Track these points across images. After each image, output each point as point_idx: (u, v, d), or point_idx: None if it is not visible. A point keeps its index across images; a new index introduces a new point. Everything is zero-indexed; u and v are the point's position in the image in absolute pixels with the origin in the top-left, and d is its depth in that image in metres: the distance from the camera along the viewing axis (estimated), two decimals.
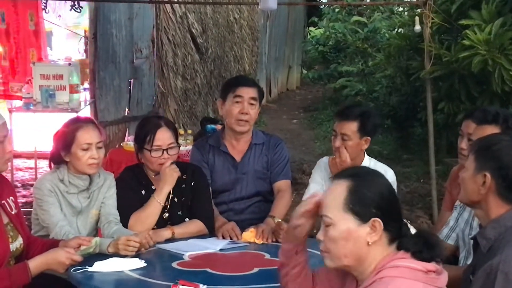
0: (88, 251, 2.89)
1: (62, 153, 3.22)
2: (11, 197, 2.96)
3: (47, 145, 3.33)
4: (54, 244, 2.95)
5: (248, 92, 3.69)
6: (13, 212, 2.93)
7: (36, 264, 2.77)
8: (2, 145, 2.83)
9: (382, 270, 1.92)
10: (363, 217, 1.94)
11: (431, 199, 6.23)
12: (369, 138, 3.58)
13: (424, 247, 1.95)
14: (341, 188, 1.98)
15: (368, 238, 1.94)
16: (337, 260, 1.99)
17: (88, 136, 3.20)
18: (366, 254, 1.95)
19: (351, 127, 3.53)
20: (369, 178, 2.02)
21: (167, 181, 3.34)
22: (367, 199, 1.95)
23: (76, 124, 3.25)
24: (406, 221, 2.03)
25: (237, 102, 3.67)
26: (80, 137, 3.19)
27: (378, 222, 1.94)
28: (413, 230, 2.03)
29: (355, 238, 1.94)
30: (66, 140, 3.21)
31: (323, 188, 3.70)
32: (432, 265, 1.93)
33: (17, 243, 2.90)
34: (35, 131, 6.68)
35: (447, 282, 1.98)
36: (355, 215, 1.94)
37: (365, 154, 3.66)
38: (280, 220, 3.36)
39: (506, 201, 2.24)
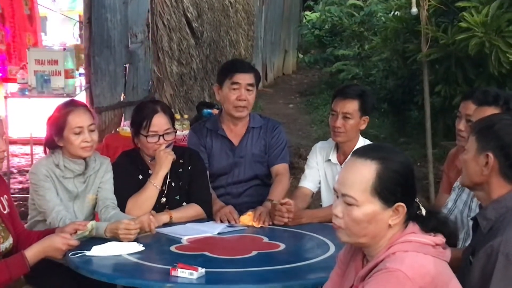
0: (84, 234, 2.88)
1: (55, 138, 3.20)
2: (4, 196, 2.94)
3: (43, 131, 3.31)
4: (50, 233, 2.93)
5: (245, 79, 3.67)
6: (5, 212, 2.91)
7: (33, 253, 2.76)
8: None
9: (393, 245, 1.94)
10: (388, 202, 1.95)
11: (428, 182, 6.24)
12: (367, 117, 3.59)
13: (429, 219, 1.99)
14: (368, 170, 1.95)
15: (390, 220, 1.96)
16: (354, 238, 1.99)
17: (79, 119, 3.18)
18: (384, 234, 1.97)
19: (353, 106, 3.52)
20: (396, 161, 1.99)
21: (162, 164, 3.33)
22: (395, 184, 1.95)
23: (67, 108, 3.23)
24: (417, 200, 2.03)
25: (234, 89, 3.65)
26: (71, 121, 3.17)
27: (402, 206, 1.96)
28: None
29: (378, 220, 1.95)
30: (58, 125, 3.19)
31: (319, 172, 3.70)
32: (439, 239, 1.96)
33: (7, 244, 2.87)
34: (30, 117, 6.65)
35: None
36: (381, 200, 1.94)
37: (359, 135, 3.66)
38: (276, 202, 3.35)
39: (509, 180, 2.24)
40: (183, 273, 2.52)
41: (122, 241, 2.90)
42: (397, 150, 2.07)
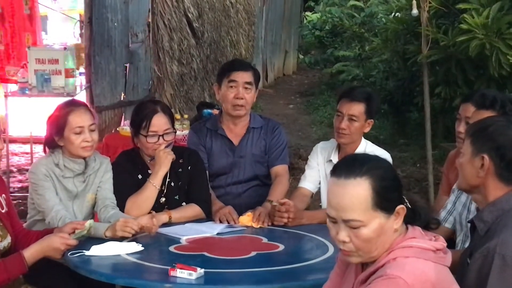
0: (82, 233, 2.87)
1: (56, 137, 3.20)
2: (3, 195, 2.94)
3: (43, 130, 3.31)
4: (48, 232, 2.94)
5: (242, 77, 3.67)
6: (3, 211, 2.91)
7: (31, 253, 2.76)
8: None
9: (394, 250, 1.94)
10: (390, 210, 1.95)
11: (427, 183, 6.23)
12: (372, 120, 3.59)
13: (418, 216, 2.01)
14: (363, 188, 1.93)
15: (395, 225, 1.96)
16: (367, 255, 1.97)
17: (80, 119, 3.18)
18: (391, 239, 1.97)
19: (359, 108, 3.53)
20: (381, 167, 1.99)
21: (162, 164, 3.33)
22: (390, 191, 1.95)
23: (68, 108, 3.23)
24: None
25: (231, 87, 3.65)
26: (72, 121, 3.17)
27: (401, 208, 1.96)
28: None
29: (385, 230, 1.95)
30: (58, 124, 3.19)
31: (319, 173, 3.70)
32: (440, 244, 1.96)
33: (5, 242, 2.88)
34: (30, 116, 6.66)
35: None
36: (383, 211, 1.94)
37: (362, 137, 3.66)
38: (276, 203, 3.35)
39: (505, 182, 2.24)
40: (182, 274, 2.52)
41: (121, 240, 2.90)
42: (372, 156, 2.07)
